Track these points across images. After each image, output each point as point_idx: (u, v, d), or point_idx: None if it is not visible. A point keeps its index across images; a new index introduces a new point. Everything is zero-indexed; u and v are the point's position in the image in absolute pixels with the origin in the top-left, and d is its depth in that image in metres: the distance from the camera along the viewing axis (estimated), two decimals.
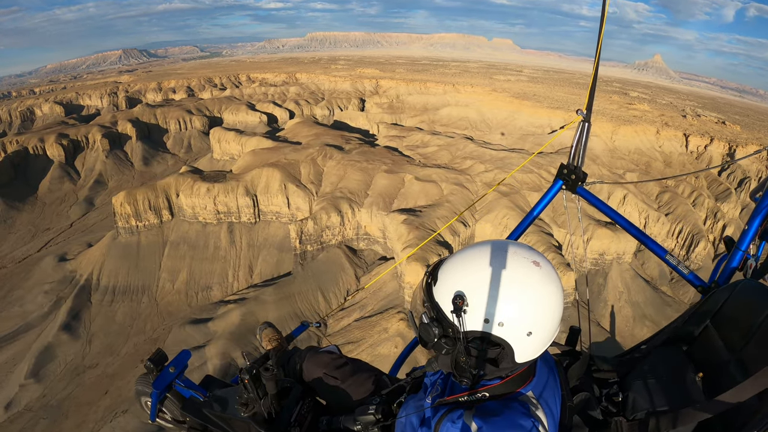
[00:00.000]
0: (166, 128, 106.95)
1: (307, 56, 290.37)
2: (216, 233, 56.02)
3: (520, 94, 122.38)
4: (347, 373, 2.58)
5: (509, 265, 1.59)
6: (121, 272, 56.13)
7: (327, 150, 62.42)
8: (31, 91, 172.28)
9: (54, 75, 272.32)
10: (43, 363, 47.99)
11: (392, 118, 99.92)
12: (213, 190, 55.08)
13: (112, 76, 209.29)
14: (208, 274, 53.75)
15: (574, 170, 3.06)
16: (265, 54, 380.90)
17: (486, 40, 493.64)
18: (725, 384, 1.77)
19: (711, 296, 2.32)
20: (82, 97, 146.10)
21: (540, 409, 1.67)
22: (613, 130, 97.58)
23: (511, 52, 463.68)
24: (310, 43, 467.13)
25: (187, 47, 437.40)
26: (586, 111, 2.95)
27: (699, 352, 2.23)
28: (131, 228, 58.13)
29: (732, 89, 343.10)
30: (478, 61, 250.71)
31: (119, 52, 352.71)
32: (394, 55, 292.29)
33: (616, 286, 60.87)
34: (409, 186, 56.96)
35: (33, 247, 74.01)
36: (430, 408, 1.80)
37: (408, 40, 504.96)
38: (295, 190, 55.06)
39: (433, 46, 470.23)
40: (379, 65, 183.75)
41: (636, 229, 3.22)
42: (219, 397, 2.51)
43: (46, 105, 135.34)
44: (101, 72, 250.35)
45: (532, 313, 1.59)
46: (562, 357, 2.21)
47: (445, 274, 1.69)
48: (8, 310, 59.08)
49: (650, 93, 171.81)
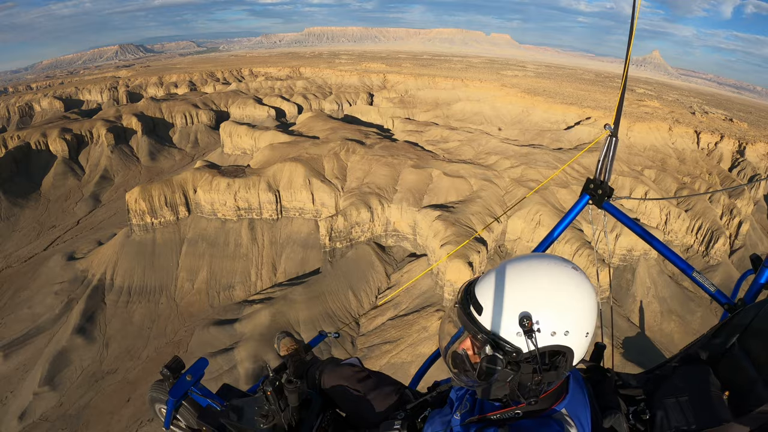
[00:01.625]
0: (172, 122, 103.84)
1: (307, 51, 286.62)
2: (236, 230, 53.52)
3: (530, 89, 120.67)
4: (370, 387, 2.49)
5: (557, 275, 1.62)
6: (137, 271, 53.53)
7: (349, 144, 60.09)
8: (28, 86, 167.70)
9: (50, 71, 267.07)
10: (57, 369, 45.41)
11: (404, 112, 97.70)
12: (233, 186, 52.57)
13: (110, 71, 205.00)
14: (230, 273, 51.28)
15: (600, 185, 2.98)
16: (263, 49, 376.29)
17: (484, 35, 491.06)
18: (752, 402, 1.76)
19: (738, 313, 2.27)
20: (82, 92, 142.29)
21: (573, 427, 1.65)
22: (628, 126, 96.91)
23: (509, 47, 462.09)
24: (307, 38, 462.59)
25: (183, 42, 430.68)
26: (614, 126, 2.90)
27: (725, 371, 2.17)
28: (146, 225, 55.49)
29: (729, 85, 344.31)
30: (478, 57, 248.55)
31: (116, 47, 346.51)
32: (395, 50, 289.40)
33: (644, 281, 59.82)
34: (438, 181, 54.92)
35: (39, 245, 71.04)
36: (459, 426, 1.76)
37: (406, 35, 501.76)
38: (319, 185, 52.70)
39: (431, 41, 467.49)
40: (383, 60, 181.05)
41: (663, 247, 3.11)
42: (236, 406, 2.41)
43: (45, 100, 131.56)
44: (98, 67, 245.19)
45: (587, 314, 1.63)
46: (588, 374, 2.16)
47: (493, 299, 1.62)
48: (16, 313, 56.33)
49: (656, 90, 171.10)
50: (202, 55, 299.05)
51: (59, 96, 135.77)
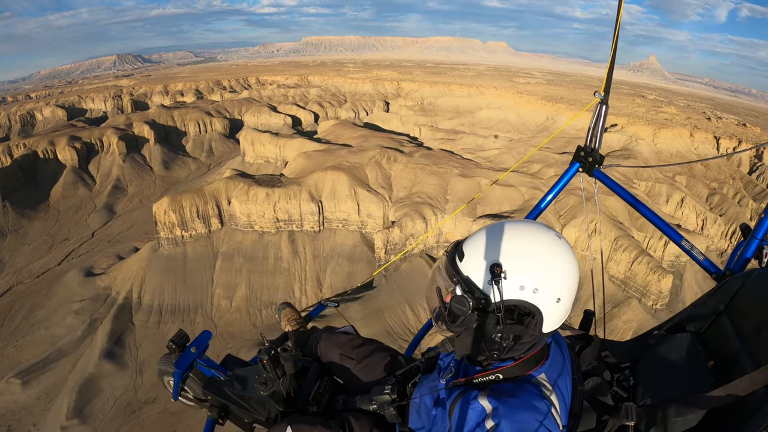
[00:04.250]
0: (185, 131, 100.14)
1: (309, 60, 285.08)
2: (276, 243, 49.96)
3: (548, 96, 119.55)
4: (363, 354, 2.56)
5: (537, 237, 1.67)
6: (167, 288, 49.59)
7: (389, 152, 57.23)
8: (27, 96, 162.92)
9: (48, 80, 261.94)
10: (86, 399, 41.10)
11: (427, 120, 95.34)
12: (273, 196, 49.18)
13: (110, 80, 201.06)
14: (271, 289, 47.58)
15: (591, 152, 2.97)
16: (261, 58, 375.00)
17: (481, 43, 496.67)
18: (736, 372, 1.79)
19: (725, 284, 2.29)
20: (85, 100, 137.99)
21: (552, 392, 1.68)
22: (653, 133, 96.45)
23: (506, 54, 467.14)
24: (305, 47, 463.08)
25: (181, 52, 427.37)
26: (604, 93, 2.86)
27: (711, 340, 2.21)
28: (175, 238, 51.71)
29: (725, 89, 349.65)
30: (479, 65, 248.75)
31: (113, 57, 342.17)
32: (396, 59, 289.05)
33: (691, 286, 57.95)
34: (489, 191, 52.22)
35: (52, 259, 66.50)
36: (444, 389, 1.84)
37: (403, 43, 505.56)
38: (366, 195, 49.54)
39: (429, 49, 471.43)
40: (388, 68, 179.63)
41: (653, 214, 3.14)
42: (239, 376, 2.51)
43: (48, 108, 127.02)
44: (96, 77, 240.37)
45: (561, 280, 1.65)
46: (575, 341, 2.15)
47: (474, 249, 1.70)
48: (33, 334, 51.80)
49: (665, 96, 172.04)
50: (201, 65, 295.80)
51: (62, 105, 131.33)
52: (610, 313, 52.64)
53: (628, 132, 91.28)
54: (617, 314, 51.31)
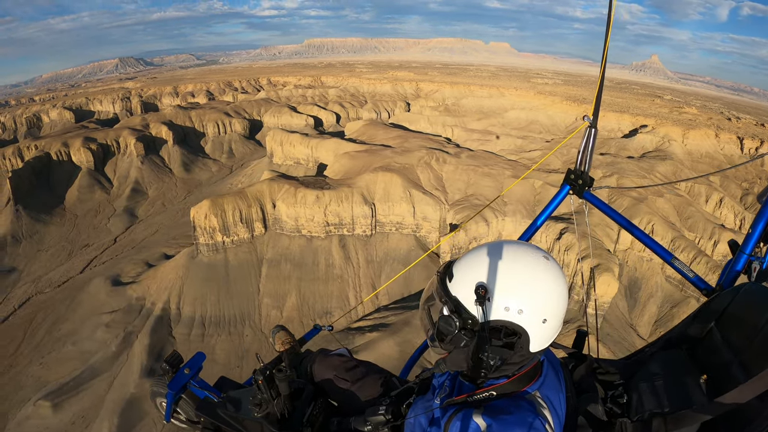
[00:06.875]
0: (203, 132, 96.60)
1: (314, 62, 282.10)
2: (326, 248, 46.62)
3: (570, 97, 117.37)
4: (357, 375, 2.57)
5: (524, 259, 1.68)
6: (209, 298, 46.03)
7: (437, 153, 54.17)
8: (31, 99, 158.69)
9: (51, 84, 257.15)
10: (130, 422, 37.37)
11: (454, 121, 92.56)
12: (323, 199, 45.90)
13: (114, 83, 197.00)
14: (324, 297, 44.17)
15: (581, 175, 3.01)
16: (264, 61, 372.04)
17: (483, 44, 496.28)
18: (729, 385, 1.79)
19: (714, 299, 2.31)
20: (93, 102, 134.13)
21: (546, 409, 1.70)
22: (683, 134, 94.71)
23: (508, 55, 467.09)
24: (307, 49, 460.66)
25: (182, 55, 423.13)
26: (593, 117, 2.91)
27: (703, 355, 2.22)
28: (215, 244, 48.23)
29: (727, 88, 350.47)
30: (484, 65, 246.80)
31: (115, 60, 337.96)
32: (401, 60, 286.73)
33: None
34: (544, 193, 49.37)
35: (73, 267, 62.61)
36: (439, 408, 1.84)
37: (405, 45, 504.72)
38: (421, 197, 46.41)
39: (431, 50, 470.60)
40: (397, 69, 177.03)
41: (642, 234, 3.19)
42: (233, 398, 2.49)
43: (54, 111, 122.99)
44: (99, 80, 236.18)
45: (547, 301, 1.66)
46: (568, 359, 2.21)
47: (462, 270, 1.73)
48: (59, 350, 47.90)
49: (679, 96, 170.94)
50: (204, 68, 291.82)
51: (69, 106, 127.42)
52: (669, 314, 49.92)
53: (659, 133, 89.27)
54: (677, 314, 48.65)
